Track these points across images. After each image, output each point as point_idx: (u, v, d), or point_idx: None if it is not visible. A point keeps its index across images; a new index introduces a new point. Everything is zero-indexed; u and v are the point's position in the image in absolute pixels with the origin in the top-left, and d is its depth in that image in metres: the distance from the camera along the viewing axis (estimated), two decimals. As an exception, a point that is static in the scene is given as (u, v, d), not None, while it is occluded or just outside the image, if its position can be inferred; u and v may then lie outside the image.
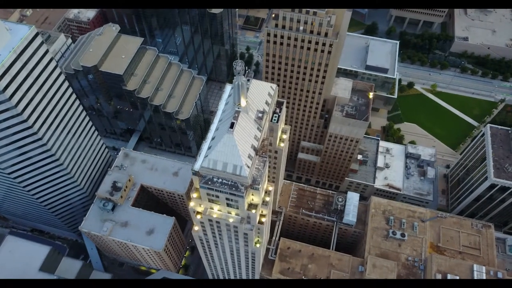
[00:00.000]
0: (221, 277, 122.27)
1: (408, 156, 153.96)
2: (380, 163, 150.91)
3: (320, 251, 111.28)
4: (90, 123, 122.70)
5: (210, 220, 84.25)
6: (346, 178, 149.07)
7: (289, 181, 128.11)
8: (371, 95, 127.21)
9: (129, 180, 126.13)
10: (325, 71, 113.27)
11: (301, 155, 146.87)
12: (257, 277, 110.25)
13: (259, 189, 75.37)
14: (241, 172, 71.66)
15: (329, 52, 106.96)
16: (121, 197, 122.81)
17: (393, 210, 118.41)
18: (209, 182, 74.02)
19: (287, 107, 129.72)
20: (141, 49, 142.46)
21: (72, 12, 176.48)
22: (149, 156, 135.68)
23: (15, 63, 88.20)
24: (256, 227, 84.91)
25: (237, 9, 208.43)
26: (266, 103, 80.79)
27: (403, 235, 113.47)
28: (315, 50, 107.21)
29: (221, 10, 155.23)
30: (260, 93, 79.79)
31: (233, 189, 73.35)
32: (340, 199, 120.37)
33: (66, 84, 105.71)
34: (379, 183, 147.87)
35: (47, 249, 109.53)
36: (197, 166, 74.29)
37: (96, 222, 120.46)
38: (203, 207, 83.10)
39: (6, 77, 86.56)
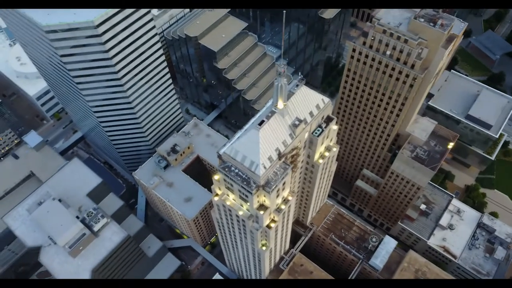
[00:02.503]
0: (234, 266, 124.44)
1: (480, 225, 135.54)
2: (444, 221, 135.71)
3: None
4: (171, 87, 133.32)
5: (223, 206, 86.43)
6: (399, 223, 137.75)
7: (332, 203, 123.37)
8: (450, 145, 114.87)
9: (188, 148, 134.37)
10: (402, 104, 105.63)
11: (359, 183, 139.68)
12: (264, 277, 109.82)
13: (271, 192, 74.84)
14: (256, 169, 72.10)
15: (411, 86, 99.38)
16: (176, 159, 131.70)
17: (428, 273, 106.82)
18: (226, 169, 76.03)
19: (357, 129, 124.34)
20: (242, 34, 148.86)
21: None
22: (214, 132, 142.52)
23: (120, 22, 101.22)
24: (263, 229, 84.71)
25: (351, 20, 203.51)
26: (311, 113, 79.29)
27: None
28: (397, 79, 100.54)
29: (331, 16, 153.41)
30: (306, 102, 78.46)
31: (245, 183, 74.28)
32: (374, 239, 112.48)
33: (159, 45, 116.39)
34: (434, 242, 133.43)
35: (99, 180, 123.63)
36: (221, 150, 76.80)
37: (147, 173, 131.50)
38: (221, 191, 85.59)
39: (107, 26, 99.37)
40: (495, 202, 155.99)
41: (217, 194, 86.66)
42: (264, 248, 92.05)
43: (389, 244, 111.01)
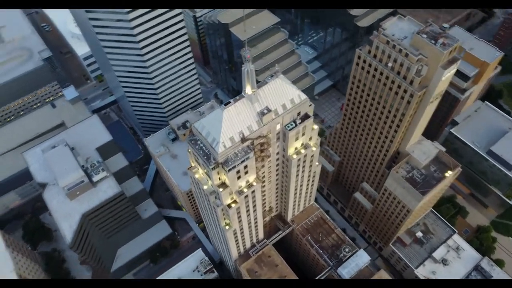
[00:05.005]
0: (214, 243, 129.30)
1: (477, 268, 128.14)
2: (437, 254, 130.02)
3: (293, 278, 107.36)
4: (192, 67, 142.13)
5: (194, 178, 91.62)
6: (390, 245, 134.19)
7: (317, 206, 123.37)
8: (448, 174, 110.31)
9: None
10: (400, 120, 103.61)
11: (357, 195, 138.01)
12: (233, 259, 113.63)
13: (228, 171, 78.56)
14: (216, 146, 76.27)
15: (408, 102, 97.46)
16: (184, 134, 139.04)
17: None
18: (193, 142, 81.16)
19: (359, 139, 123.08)
20: (274, 28, 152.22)
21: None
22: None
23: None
24: (224, 207, 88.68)
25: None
26: (283, 106, 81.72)
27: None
28: (396, 93, 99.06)
29: (367, 24, 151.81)
30: (280, 94, 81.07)
31: (205, 157, 78.82)
32: (347, 249, 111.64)
33: (182, 25, 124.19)
34: (422, 272, 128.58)
35: (110, 138, 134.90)
36: (193, 124, 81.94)
37: (157, 142, 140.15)
38: (194, 164, 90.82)
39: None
40: (507, 250, 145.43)
41: (191, 166, 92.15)
42: (227, 227, 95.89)
43: (361, 258, 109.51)
